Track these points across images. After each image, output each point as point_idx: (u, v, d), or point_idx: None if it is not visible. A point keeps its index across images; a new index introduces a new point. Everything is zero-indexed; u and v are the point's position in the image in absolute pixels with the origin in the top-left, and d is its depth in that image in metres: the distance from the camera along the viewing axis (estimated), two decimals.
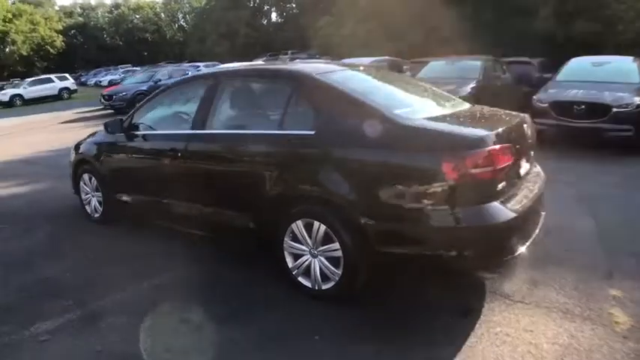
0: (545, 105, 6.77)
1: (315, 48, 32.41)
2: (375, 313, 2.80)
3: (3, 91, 28.47)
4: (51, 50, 55.11)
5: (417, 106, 3.14)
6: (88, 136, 4.91)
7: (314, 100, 2.87)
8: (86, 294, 3.24)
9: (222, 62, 20.63)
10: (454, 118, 2.97)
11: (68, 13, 64.98)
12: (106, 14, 65.12)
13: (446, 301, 2.84)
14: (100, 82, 36.83)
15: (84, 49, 62.11)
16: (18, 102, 26.99)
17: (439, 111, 3.11)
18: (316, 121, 2.80)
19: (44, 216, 5.08)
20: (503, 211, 2.44)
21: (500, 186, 2.46)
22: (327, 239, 2.72)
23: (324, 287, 2.81)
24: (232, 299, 3.04)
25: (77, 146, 4.89)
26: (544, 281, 3.03)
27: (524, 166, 2.89)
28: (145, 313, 2.93)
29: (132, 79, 20.64)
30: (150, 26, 63.96)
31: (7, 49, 51.04)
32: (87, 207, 4.76)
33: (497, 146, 2.42)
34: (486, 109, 3.35)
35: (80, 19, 64.58)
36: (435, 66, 9.25)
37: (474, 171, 2.33)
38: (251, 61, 26.91)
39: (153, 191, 3.90)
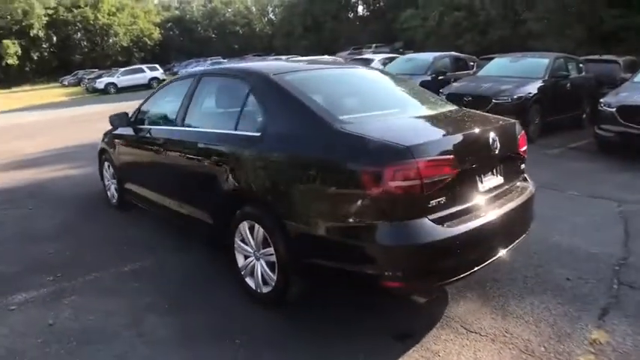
0: (613, 110, 6.07)
1: (399, 41, 31.96)
2: (305, 325, 2.74)
3: (99, 80, 31.99)
4: (148, 42, 60.55)
5: (375, 110, 3.00)
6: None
7: (264, 101, 2.89)
8: (69, 272, 3.59)
9: (306, 55, 21.09)
10: (407, 123, 2.80)
11: (166, 6, 70.80)
12: (201, 7, 69.73)
13: (389, 322, 2.71)
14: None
15: (179, 41, 67.29)
16: (112, 90, 30.15)
17: (399, 115, 2.95)
18: (263, 123, 2.84)
19: (76, 198, 5.69)
20: (434, 229, 2.24)
21: (433, 202, 2.26)
22: (265, 243, 2.75)
23: (264, 291, 2.85)
24: (186, 291, 3.20)
25: (104, 135, 5.40)
26: (517, 312, 2.77)
27: (490, 181, 2.65)
28: (108, 293, 3.22)
29: None
30: (240, 19, 67.40)
31: (110, 41, 57.03)
32: (108, 193, 5.26)
33: (428, 157, 2.23)
34: (465, 113, 3.14)
35: (177, 12, 69.94)
36: (498, 63, 8.70)
37: (396, 184, 2.17)
38: (334, 55, 27.26)
39: (144, 183, 4.31)
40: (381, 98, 3.29)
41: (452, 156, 2.35)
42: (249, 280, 2.96)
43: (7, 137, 12.45)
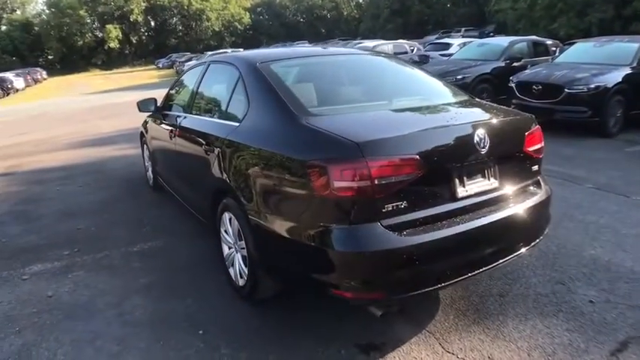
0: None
1: (491, 24, 30.03)
2: (272, 323, 2.66)
3: (188, 63, 33.89)
4: (239, 26, 63.09)
5: (360, 101, 2.80)
6: None
7: (247, 90, 2.80)
8: (86, 248, 3.86)
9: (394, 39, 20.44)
10: (383, 117, 2.54)
11: None
12: None
13: (362, 330, 2.53)
14: None
15: (268, 25, 69.28)
16: None
17: (384, 107, 2.72)
18: (242, 113, 2.77)
19: (123, 178, 6.13)
20: (386, 237, 2.02)
21: (389, 206, 2.04)
22: (239, 236, 2.71)
23: (240, 284, 2.82)
24: (181, 277, 3.27)
25: (145, 120, 5.69)
26: (512, 335, 2.46)
27: (477, 184, 2.35)
28: (109, 272, 3.42)
29: None
30: (328, 3, 67.64)
31: (203, 25, 60.22)
32: (147, 174, 5.56)
33: (381, 156, 2.01)
34: (466, 105, 2.82)
35: None
36: (580, 48, 7.79)
37: (342, 184, 1.98)
38: (421, 39, 26.33)
39: (165, 167, 4.51)
40: (371, 88, 3.07)
41: (415, 155, 2.08)
42: (231, 271, 2.96)
43: (91, 117, 13.73)
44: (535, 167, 2.65)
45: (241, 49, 35.42)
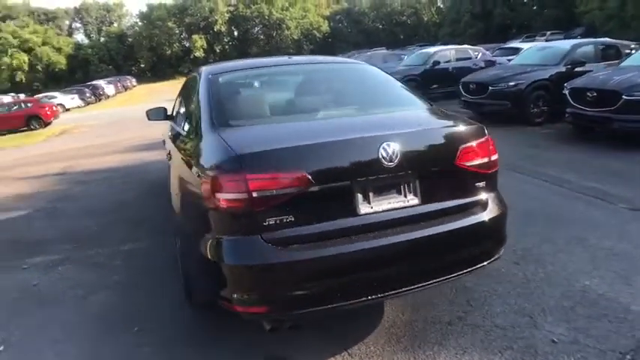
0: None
1: (579, 27, 27.89)
2: (202, 328, 2.72)
3: None
4: (317, 34, 64.36)
5: (293, 112, 2.83)
6: None
7: (197, 102, 2.86)
8: (84, 245, 4.18)
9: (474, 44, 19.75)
10: (296, 129, 2.47)
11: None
12: None
13: (276, 346, 2.48)
14: None
15: (347, 32, 69.98)
16: None
17: (311, 119, 2.66)
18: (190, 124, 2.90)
19: (153, 181, 6.49)
20: (265, 251, 1.97)
21: (272, 220, 1.98)
22: None
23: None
24: (150, 276, 3.45)
25: None
26: None
27: (388, 201, 2.18)
28: (92, 267, 3.68)
29: None
30: (407, 9, 66.92)
31: (283, 34, 62.24)
32: None
33: (261, 169, 1.98)
34: (410, 115, 2.70)
35: (346, 4, 72.67)
36: None
37: (223, 196, 1.99)
38: (504, 43, 25.17)
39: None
40: (307, 99, 3.02)
41: (300, 168, 2.00)
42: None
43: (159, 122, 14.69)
44: (480, 184, 2.40)
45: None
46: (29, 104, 20.35)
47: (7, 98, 29.36)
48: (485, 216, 2.35)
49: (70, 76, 54.50)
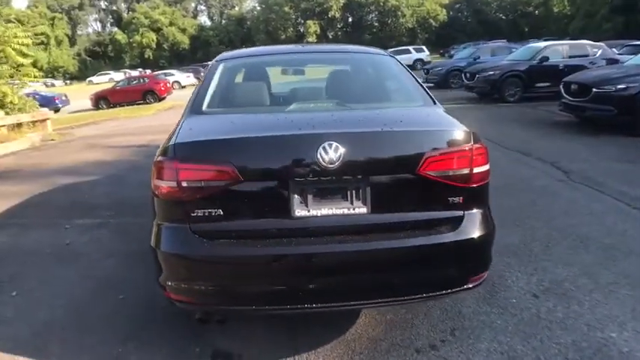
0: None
1: None
2: (176, 320, 2.66)
3: None
4: (433, 23, 62.25)
5: (279, 104, 2.76)
6: None
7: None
8: (124, 213, 4.52)
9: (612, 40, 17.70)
10: (256, 120, 2.37)
11: None
12: None
13: (226, 340, 2.44)
14: (452, 55, 38.98)
15: (465, 22, 66.66)
16: None
17: (286, 111, 2.49)
18: None
19: None
20: (192, 242, 1.97)
21: (200, 211, 1.96)
22: None
23: None
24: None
25: None
26: None
27: (329, 206, 1.99)
28: (120, 234, 3.98)
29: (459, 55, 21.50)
30: None
31: (398, 22, 61.18)
32: None
33: (189, 159, 1.98)
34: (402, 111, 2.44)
35: None
36: None
37: (158, 182, 2.03)
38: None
39: None
40: (290, 90, 3.03)
41: (229, 162, 1.93)
42: None
43: None
44: (455, 198, 2.06)
45: (423, 47, 34.98)
46: (146, 80, 22.51)
47: (135, 73, 32.76)
48: (454, 236, 2.04)
49: (193, 56, 59.17)
